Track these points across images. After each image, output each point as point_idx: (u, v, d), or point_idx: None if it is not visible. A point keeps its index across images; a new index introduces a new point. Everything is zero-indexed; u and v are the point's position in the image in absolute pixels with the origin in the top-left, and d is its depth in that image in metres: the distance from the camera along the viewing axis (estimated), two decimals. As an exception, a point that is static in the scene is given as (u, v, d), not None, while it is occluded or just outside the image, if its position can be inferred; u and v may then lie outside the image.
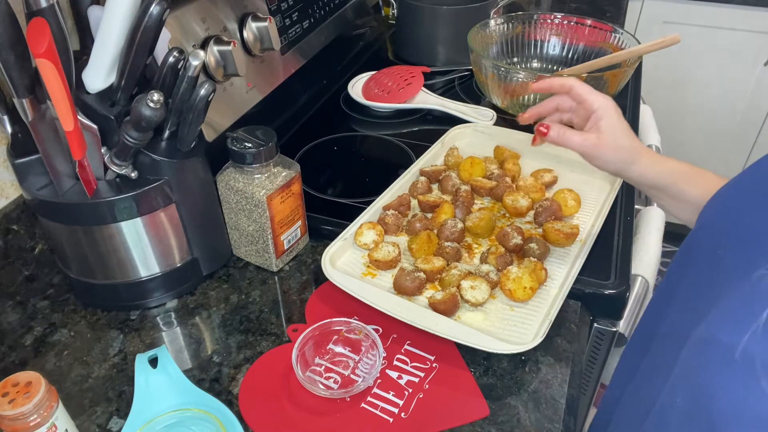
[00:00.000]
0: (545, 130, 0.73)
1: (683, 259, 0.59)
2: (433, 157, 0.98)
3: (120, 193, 0.68)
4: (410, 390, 0.65)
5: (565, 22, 1.22)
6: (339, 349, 0.70)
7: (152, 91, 0.61)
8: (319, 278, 0.79)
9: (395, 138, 1.10)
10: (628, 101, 1.19)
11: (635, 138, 0.71)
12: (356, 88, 1.22)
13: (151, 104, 0.61)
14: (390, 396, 0.64)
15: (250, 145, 0.73)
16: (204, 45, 0.83)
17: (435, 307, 0.71)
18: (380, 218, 0.85)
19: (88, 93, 0.67)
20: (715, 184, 0.63)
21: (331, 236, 0.82)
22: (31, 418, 0.51)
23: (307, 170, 0.90)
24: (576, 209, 0.87)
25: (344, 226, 0.83)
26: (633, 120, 1.14)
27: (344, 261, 0.81)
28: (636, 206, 0.97)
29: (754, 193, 0.51)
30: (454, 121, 1.10)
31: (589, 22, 1.20)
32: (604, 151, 0.70)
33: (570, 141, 0.72)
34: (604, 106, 0.71)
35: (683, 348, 0.48)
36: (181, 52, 0.65)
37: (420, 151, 1.00)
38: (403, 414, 0.63)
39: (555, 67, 1.24)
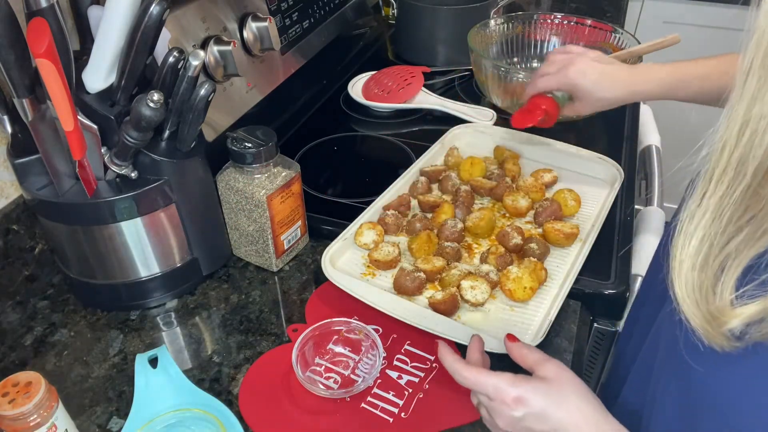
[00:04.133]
0: None
1: (660, 253, 0.60)
2: (433, 157, 0.98)
3: (120, 193, 0.68)
4: (410, 390, 0.65)
5: (565, 22, 1.22)
6: (339, 349, 0.70)
7: (152, 91, 0.61)
8: (319, 278, 0.79)
9: (395, 138, 1.09)
10: (628, 101, 1.19)
11: (613, 83, 0.78)
12: (356, 88, 1.22)
13: (151, 104, 0.61)
14: (390, 396, 0.64)
15: (250, 145, 0.73)
16: (204, 45, 0.83)
17: (435, 307, 0.71)
18: (380, 218, 0.85)
19: (88, 93, 0.67)
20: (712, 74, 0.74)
21: (331, 236, 0.82)
22: (31, 418, 0.51)
23: (307, 170, 0.90)
24: (576, 209, 0.87)
25: (344, 226, 0.83)
26: (633, 120, 1.14)
27: (344, 261, 0.81)
28: (636, 206, 0.97)
29: None
30: (454, 121, 1.10)
31: (589, 22, 1.20)
32: (591, 109, 0.82)
33: (563, 113, 0.85)
34: (568, 84, 0.80)
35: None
36: (181, 52, 0.65)
37: (420, 151, 1.00)
38: (403, 414, 0.63)
39: (555, 67, 1.23)
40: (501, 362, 0.68)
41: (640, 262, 0.84)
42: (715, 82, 0.76)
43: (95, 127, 0.66)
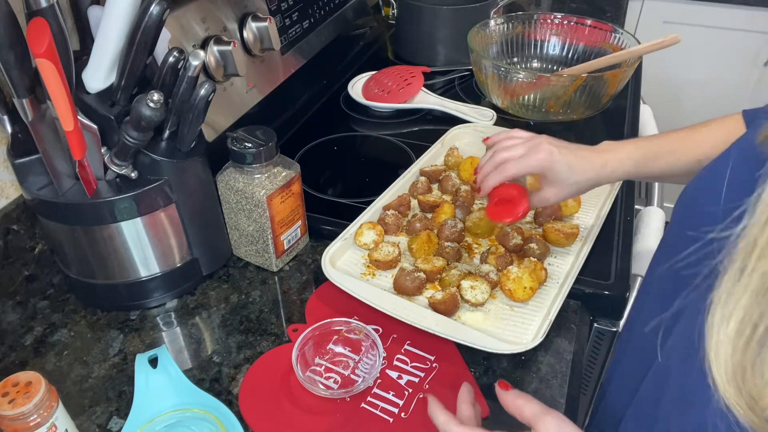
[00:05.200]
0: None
1: (657, 256, 0.59)
2: (433, 157, 0.98)
3: (120, 193, 0.68)
4: (410, 390, 0.65)
5: (565, 22, 1.22)
6: (339, 349, 0.70)
7: (152, 91, 0.61)
8: (319, 278, 0.79)
9: (395, 138, 1.10)
10: (628, 101, 1.19)
11: (587, 165, 0.71)
12: (356, 88, 1.22)
13: (151, 104, 0.61)
14: (390, 396, 0.64)
15: (250, 145, 0.73)
16: (204, 45, 0.83)
17: (435, 307, 0.71)
18: (380, 218, 0.85)
19: (88, 93, 0.67)
20: (682, 149, 0.68)
21: (331, 236, 0.82)
22: (31, 418, 0.51)
23: (307, 170, 0.90)
24: (576, 209, 0.87)
25: (344, 226, 0.83)
26: (633, 120, 1.14)
27: (344, 261, 0.81)
28: (636, 206, 0.97)
29: (706, 190, 0.50)
30: (454, 121, 1.10)
31: (589, 22, 1.20)
32: (561, 195, 0.73)
33: (531, 203, 0.75)
34: (540, 167, 0.71)
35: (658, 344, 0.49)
36: (181, 52, 0.65)
37: (420, 151, 1.00)
38: (403, 414, 0.63)
39: (555, 67, 1.24)
40: (500, 363, 0.68)
41: (641, 262, 0.84)
42: (687, 154, 0.70)
43: (95, 127, 0.66)
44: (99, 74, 0.66)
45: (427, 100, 1.18)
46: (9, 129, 0.69)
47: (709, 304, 0.36)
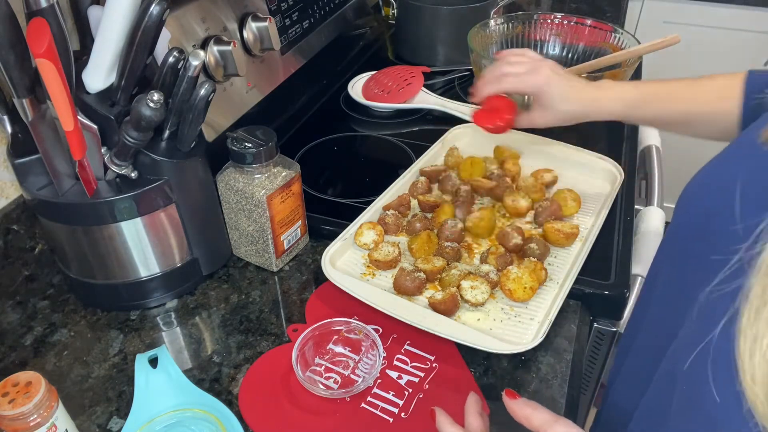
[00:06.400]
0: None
1: (663, 252, 0.59)
2: (433, 157, 0.98)
3: (120, 193, 0.68)
4: (410, 390, 0.65)
5: (565, 22, 1.22)
6: (339, 349, 0.70)
7: (152, 91, 0.61)
8: (319, 278, 0.79)
9: (395, 138, 1.10)
10: (628, 101, 1.19)
11: (579, 96, 0.74)
12: (356, 88, 1.22)
13: (151, 104, 0.61)
14: (390, 396, 0.64)
15: (250, 145, 0.73)
16: (204, 45, 0.83)
17: (435, 307, 0.71)
18: (380, 218, 0.85)
19: (88, 93, 0.67)
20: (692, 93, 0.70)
21: (331, 236, 0.82)
22: (31, 418, 0.51)
23: (307, 170, 0.90)
24: (576, 209, 0.87)
25: (344, 226, 0.83)
26: (633, 120, 1.14)
27: (344, 261, 0.81)
28: (636, 206, 0.97)
29: (720, 192, 0.48)
30: (454, 121, 1.10)
31: (589, 22, 1.20)
32: (549, 120, 0.77)
33: (518, 122, 0.80)
34: (536, 88, 0.75)
35: (669, 345, 0.48)
36: (181, 52, 0.65)
37: (420, 151, 1.00)
38: (403, 414, 0.63)
39: (555, 67, 1.23)
40: (500, 363, 0.68)
41: (641, 262, 0.84)
42: (677, 105, 0.72)
43: (95, 127, 0.66)
44: (99, 74, 0.66)
45: (427, 100, 1.18)
46: (9, 129, 0.69)
47: (738, 324, 0.34)
